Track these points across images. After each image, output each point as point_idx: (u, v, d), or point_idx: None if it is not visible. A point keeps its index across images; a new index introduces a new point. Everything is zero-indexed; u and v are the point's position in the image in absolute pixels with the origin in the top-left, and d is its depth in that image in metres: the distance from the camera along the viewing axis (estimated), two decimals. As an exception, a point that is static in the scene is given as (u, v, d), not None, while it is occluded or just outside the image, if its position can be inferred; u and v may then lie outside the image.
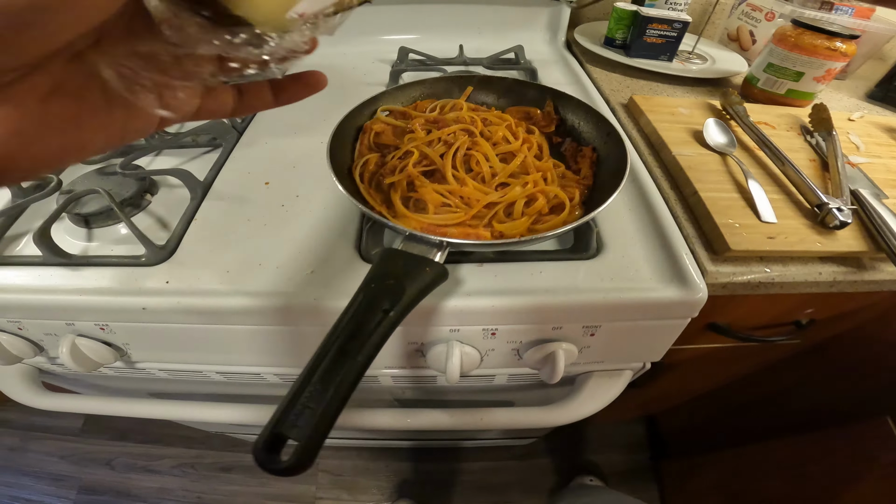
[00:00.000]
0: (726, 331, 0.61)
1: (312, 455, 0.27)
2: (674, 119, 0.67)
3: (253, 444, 0.28)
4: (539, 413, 0.57)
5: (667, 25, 0.82)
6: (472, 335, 0.48)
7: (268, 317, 0.45)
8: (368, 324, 0.30)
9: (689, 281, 0.45)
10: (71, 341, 0.48)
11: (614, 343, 0.51)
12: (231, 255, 0.47)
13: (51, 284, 0.46)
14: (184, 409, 0.59)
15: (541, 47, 0.93)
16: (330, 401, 0.28)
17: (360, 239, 0.48)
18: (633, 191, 0.56)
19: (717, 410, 1.04)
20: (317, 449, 0.28)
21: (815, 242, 0.50)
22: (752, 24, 0.92)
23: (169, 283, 0.45)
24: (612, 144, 0.52)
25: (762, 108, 0.74)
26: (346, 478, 1.30)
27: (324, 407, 0.28)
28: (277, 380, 0.60)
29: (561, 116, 0.59)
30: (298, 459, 0.26)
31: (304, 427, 0.27)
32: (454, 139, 0.50)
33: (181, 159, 0.62)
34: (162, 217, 0.53)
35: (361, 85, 0.79)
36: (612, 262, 0.47)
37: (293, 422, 0.28)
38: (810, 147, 0.66)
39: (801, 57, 0.74)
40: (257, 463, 0.27)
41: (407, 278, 0.33)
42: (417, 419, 0.57)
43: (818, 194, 0.53)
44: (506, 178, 0.48)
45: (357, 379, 0.29)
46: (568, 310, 0.45)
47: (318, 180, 0.56)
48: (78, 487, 1.26)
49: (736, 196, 0.54)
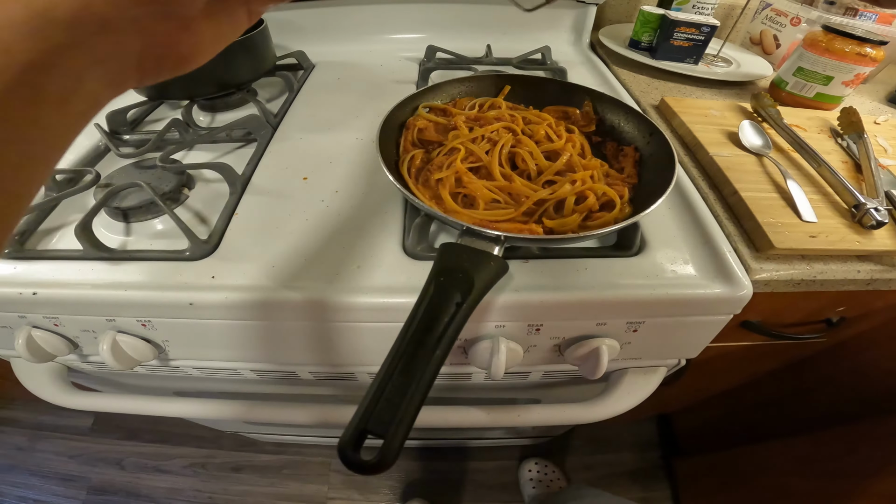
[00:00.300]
0: (759, 328, 0.62)
1: (397, 452, 0.27)
2: (707, 121, 0.67)
3: (338, 442, 0.27)
4: (575, 410, 0.57)
5: (695, 29, 0.82)
6: (516, 331, 0.48)
7: (315, 312, 0.44)
8: (443, 316, 0.30)
9: (734, 277, 0.45)
10: (112, 338, 0.47)
11: (655, 339, 0.51)
12: (275, 250, 0.47)
13: (92, 279, 0.45)
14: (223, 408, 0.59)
15: (565, 48, 0.94)
16: (412, 395, 0.28)
17: (404, 234, 0.48)
18: (673, 191, 0.55)
19: (735, 407, 1.04)
20: (402, 445, 0.28)
21: (854, 241, 0.50)
22: (777, 28, 0.92)
23: (215, 277, 0.45)
24: (656, 144, 0.52)
25: (791, 111, 0.74)
26: (358, 478, 1.29)
27: (406, 401, 0.27)
28: (312, 377, 0.60)
29: (600, 116, 0.59)
30: (384, 456, 0.26)
31: (388, 424, 0.27)
32: (498, 136, 0.50)
33: (214, 154, 0.62)
34: (200, 212, 0.53)
35: (391, 83, 0.79)
36: (656, 260, 0.47)
37: (377, 417, 0.28)
38: (841, 149, 0.67)
39: (830, 61, 0.75)
40: (345, 462, 0.27)
41: (475, 271, 0.34)
42: (454, 417, 0.57)
43: (856, 195, 0.53)
44: (552, 175, 0.48)
45: (436, 371, 0.29)
46: (614, 305, 0.45)
47: (355, 176, 0.57)
48: (87, 488, 1.25)
49: (775, 196, 0.54)
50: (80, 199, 0.54)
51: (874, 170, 0.59)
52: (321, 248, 0.47)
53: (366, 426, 0.27)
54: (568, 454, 1.35)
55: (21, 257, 0.47)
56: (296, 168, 0.58)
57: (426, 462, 1.33)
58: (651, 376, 0.57)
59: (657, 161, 0.51)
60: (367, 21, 0.92)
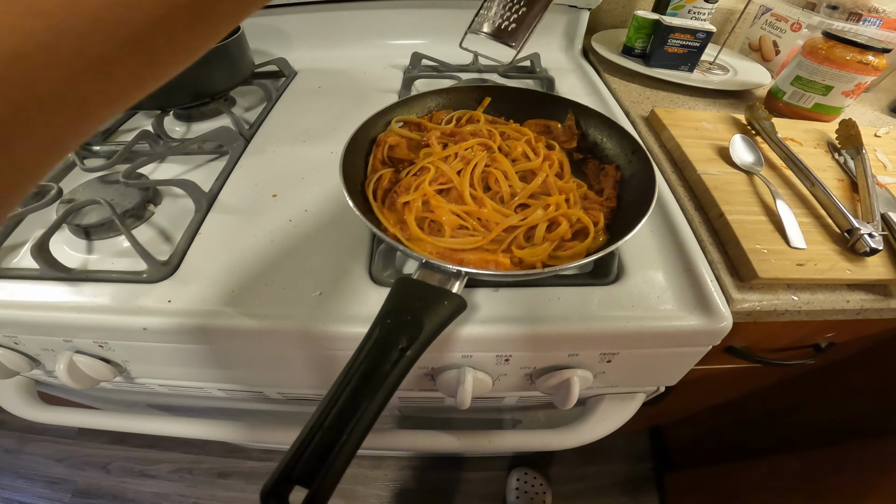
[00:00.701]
0: (744, 354, 0.60)
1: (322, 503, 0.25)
2: (697, 134, 0.65)
3: (260, 489, 0.26)
4: (549, 436, 0.55)
5: (690, 35, 0.80)
6: (484, 361, 0.46)
7: (273, 340, 0.43)
8: (385, 363, 0.29)
9: (714, 309, 0.44)
10: (68, 358, 0.46)
11: (631, 369, 0.50)
12: (236, 273, 0.46)
13: (48, 300, 0.44)
14: (182, 426, 0.58)
15: (557, 55, 0.91)
16: (342, 447, 0.26)
17: (371, 259, 0.47)
18: (656, 212, 0.54)
19: (726, 424, 1.03)
20: (327, 497, 0.26)
21: (844, 270, 0.48)
22: (777, 34, 0.90)
23: (171, 301, 0.43)
24: (638, 163, 0.50)
25: (788, 123, 0.72)
26: (345, 486, 1.29)
27: (336, 453, 0.26)
28: (281, 397, 0.59)
29: (583, 131, 0.57)
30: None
31: (314, 473, 0.26)
32: (472, 155, 0.49)
33: (186, 167, 0.60)
34: (165, 229, 0.52)
35: (373, 91, 0.77)
36: (633, 289, 0.45)
37: (304, 467, 0.27)
38: (838, 165, 0.64)
39: (830, 70, 0.72)
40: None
41: (425, 312, 0.32)
42: (424, 441, 0.56)
43: (850, 219, 0.51)
44: (526, 198, 0.46)
45: (371, 423, 0.28)
46: (586, 338, 0.43)
47: (327, 194, 0.55)
48: (73, 491, 1.25)
49: (763, 219, 0.52)
50: (45, 215, 0.52)
51: (871, 189, 0.57)
52: (284, 272, 0.46)
53: (290, 475, 0.26)
54: (558, 464, 1.33)
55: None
56: (266, 184, 0.57)
57: (415, 471, 1.32)
58: (629, 403, 0.56)
59: (639, 182, 0.49)
60: (355, 26, 0.90)
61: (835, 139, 0.68)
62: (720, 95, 0.82)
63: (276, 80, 0.80)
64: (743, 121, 0.70)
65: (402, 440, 0.55)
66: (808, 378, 0.78)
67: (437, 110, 0.59)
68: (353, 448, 0.27)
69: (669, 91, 0.82)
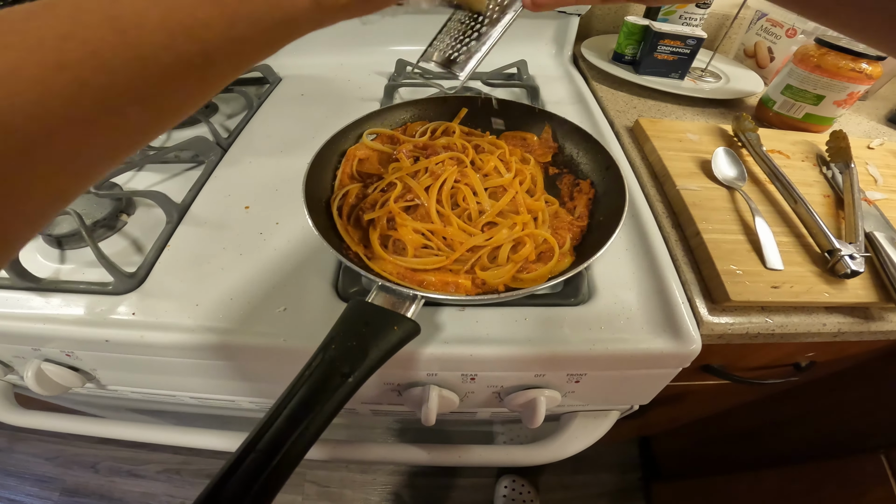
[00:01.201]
0: (720, 372, 0.60)
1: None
2: (681, 146, 0.64)
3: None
4: (520, 452, 0.55)
5: (680, 42, 0.79)
6: (450, 379, 0.46)
7: (236, 354, 0.43)
8: (325, 390, 0.29)
9: (683, 332, 0.43)
10: (36, 366, 0.47)
11: (600, 389, 0.50)
12: (202, 287, 0.46)
13: (17, 311, 0.44)
14: (154, 433, 0.59)
15: (545, 61, 0.91)
16: (272, 471, 0.26)
17: (337, 276, 0.47)
18: (633, 228, 0.53)
19: (713, 436, 1.03)
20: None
21: (822, 293, 0.47)
22: (772, 40, 0.88)
23: (135, 314, 0.44)
24: (612, 180, 0.49)
25: (776, 134, 0.71)
26: (333, 489, 1.29)
27: (266, 476, 0.26)
28: (253, 406, 0.59)
29: (559, 144, 0.56)
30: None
31: (242, 496, 0.26)
32: (442, 170, 0.48)
33: (162, 176, 0.61)
34: (137, 239, 0.52)
35: (355, 100, 0.77)
36: (603, 309, 0.45)
37: (232, 490, 0.27)
38: (825, 181, 0.63)
39: (822, 79, 0.71)
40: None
41: (373, 338, 0.32)
42: (394, 454, 0.56)
43: (831, 239, 0.50)
44: (494, 216, 0.46)
45: (306, 448, 0.28)
46: (552, 360, 0.43)
47: (298, 207, 0.53)
48: (61, 490, 1.26)
49: (741, 238, 0.52)
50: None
51: (856, 207, 0.56)
52: (250, 286, 0.46)
53: (219, 496, 0.26)
54: (547, 473, 1.33)
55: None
56: (239, 196, 0.57)
57: (405, 477, 1.32)
58: (602, 420, 0.56)
59: (611, 200, 0.48)
60: (343, 32, 0.89)
61: (825, 152, 0.67)
62: (710, 104, 0.81)
63: (259, 87, 0.80)
64: (730, 132, 0.69)
65: (373, 452, 0.55)
66: (792, 394, 0.78)
67: (412, 122, 0.59)
68: (286, 472, 0.27)
69: (658, 100, 0.81)
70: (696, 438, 1.09)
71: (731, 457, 0.99)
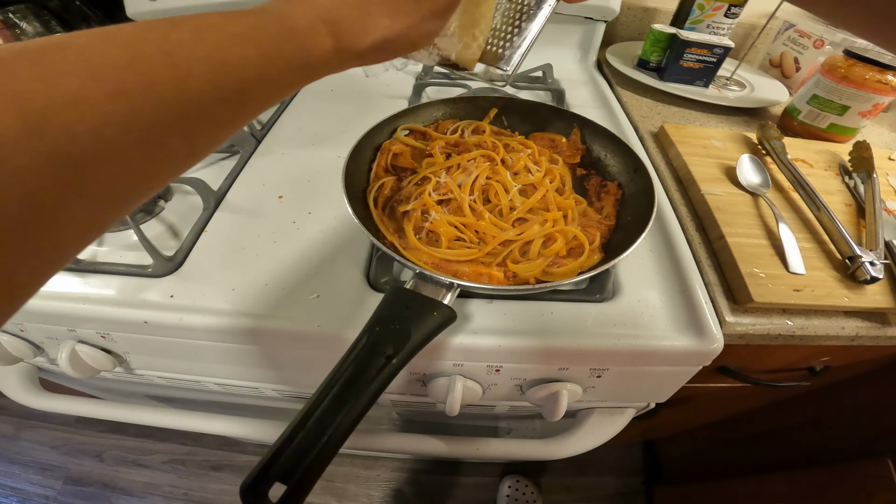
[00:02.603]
0: (737, 374, 0.61)
1: (300, 500, 0.28)
2: (706, 152, 0.67)
3: (241, 483, 0.29)
4: (536, 446, 0.57)
5: (706, 50, 0.81)
6: (475, 370, 0.48)
7: (269, 339, 0.46)
8: (370, 370, 0.31)
9: (706, 331, 0.45)
10: (71, 347, 0.49)
11: (621, 385, 0.52)
12: (238, 273, 0.48)
13: (56, 290, 0.47)
14: (176, 418, 0.61)
15: (570, 66, 0.93)
16: (322, 448, 0.29)
17: (369, 265, 0.49)
18: (657, 230, 0.55)
19: (719, 441, 1.05)
20: (305, 494, 0.29)
21: (842, 297, 0.49)
22: (798, 50, 0.91)
23: (174, 297, 0.46)
24: (640, 182, 0.52)
25: (800, 143, 0.73)
26: (337, 484, 1.32)
27: (315, 453, 0.28)
28: (275, 394, 0.61)
29: (587, 146, 0.59)
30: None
31: (293, 471, 0.28)
32: (474, 166, 0.51)
33: (198, 165, 0.63)
34: (174, 225, 0.55)
35: (383, 97, 0.80)
36: (627, 307, 0.47)
37: (284, 464, 0.29)
38: (847, 190, 0.65)
39: (848, 89, 0.73)
40: (243, 501, 0.28)
41: (413, 322, 0.34)
42: (414, 444, 0.58)
43: (852, 246, 0.52)
44: (524, 213, 0.48)
45: (353, 426, 0.30)
46: (576, 353, 0.45)
47: (331, 198, 0.57)
48: (64, 478, 1.29)
49: (765, 243, 0.54)
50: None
51: (878, 216, 0.58)
52: (284, 273, 0.48)
53: (270, 471, 0.28)
54: (550, 474, 1.35)
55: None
56: (273, 185, 0.59)
57: (408, 473, 1.35)
58: (618, 417, 0.58)
59: (639, 201, 0.51)
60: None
61: (847, 161, 0.69)
62: (734, 112, 0.84)
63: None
64: (754, 140, 0.71)
65: (394, 442, 0.57)
66: (802, 398, 0.80)
67: (444, 119, 0.61)
68: (334, 449, 0.29)
69: (682, 107, 0.83)
70: (702, 444, 1.11)
71: (735, 461, 1.01)
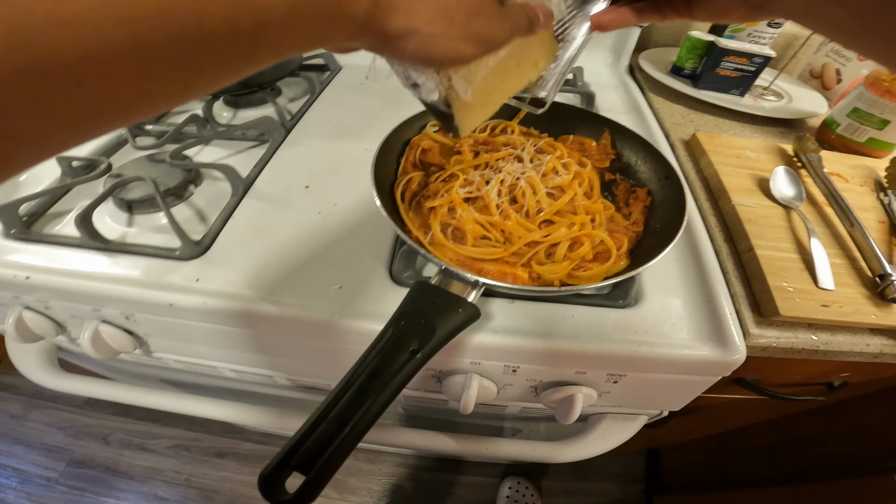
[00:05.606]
0: (753, 386, 0.62)
1: (317, 491, 0.30)
2: (738, 163, 0.67)
3: (260, 471, 0.30)
4: (546, 448, 0.59)
5: (746, 59, 0.82)
6: (492, 369, 0.50)
7: (290, 328, 0.48)
8: (394, 363, 0.33)
9: (729, 342, 0.46)
10: (94, 327, 0.51)
11: (636, 391, 0.53)
12: (263, 259, 0.51)
13: (84, 269, 0.49)
14: (187, 403, 0.63)
15: (602, 69, 0.95)
16: (343, 440, 0.30)
17: (392, 259, 0.51)
18: (684, 239, 0.57)
19: (723, 452, 1.06)
20: (322, 486, 0.30)
21: (869, 314, 0.50)
22: (842, 62, 0.90)
23: (199, 281, 0.49)
24: (670, 189, 0.53)
25: (837, 157, 0.73)
26: (338, 476, 1.33)
27: (336, 445, 0.30)
28: (290, 383, 0.64)
29: (617, 151, 0.60)
30: (301, 494, 0.29)
31: (313, 462, 0.30)
32: (502, 165, 0.52)
33: (228, 152, 0.67)
34: (202, 210, 0.58)
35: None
36: (649, 314, 0.48)
37: (304, 455, 0.31)
38: (882, 206, 0.65)
39: (890, 103, 0.73)
40: (260, 490, 0.30)
41: (438, 318, 0.36)
42: (423, 441, 0.59)
43: (883, 264, 0.53)
44: (551, 215, 0.50)
45: (374, 419, 0.32)
46: (596, 358, 0.46)
47: (357, 190, 0.60)
48: (68, 460, 1.33)
49: (795, 256, 0.54)
50: (92, 187, 0.59)
51: (911, 235, 0.59)
52: (308, 262, 0.51)
53: (290, 461, 0.30)
54: (551, 477, 1.37)
55: (25, 239, 0.52)
56: (300, 175, 0.62)
57: (410, 469, 1.38)
58: (630, 423, 0.59)
59: (668, 209, 0.52)
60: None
61: (883, 177, 0.69)
62: (770, 123, 0.84)
63: (321, 74, 0.87)
64: (790, 152, 0.72)
65: (403, 437, 0.59)
66: (814, 413, 0.80)
67: (472, 117, 0.63)
68: (354, 441, 0.31)
69: (716, 115, 0.84)
70: (704, 454, 1.12)
71: (738, 473, 1.01)
